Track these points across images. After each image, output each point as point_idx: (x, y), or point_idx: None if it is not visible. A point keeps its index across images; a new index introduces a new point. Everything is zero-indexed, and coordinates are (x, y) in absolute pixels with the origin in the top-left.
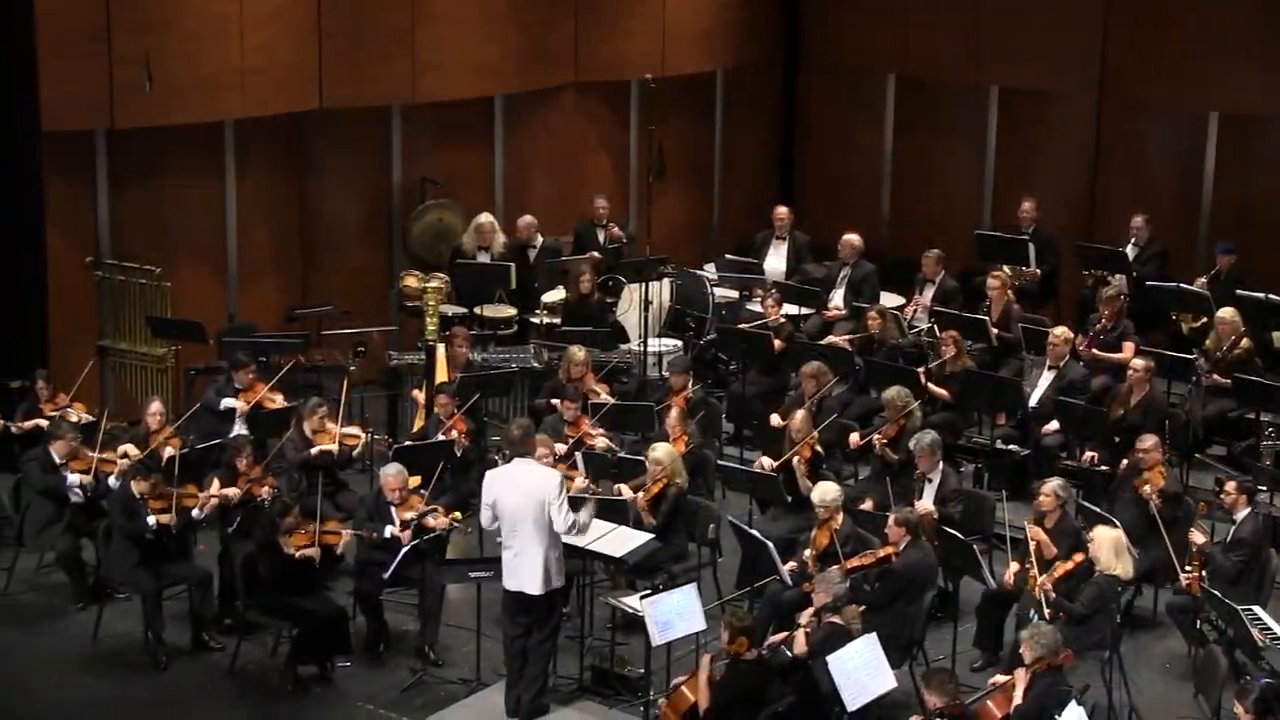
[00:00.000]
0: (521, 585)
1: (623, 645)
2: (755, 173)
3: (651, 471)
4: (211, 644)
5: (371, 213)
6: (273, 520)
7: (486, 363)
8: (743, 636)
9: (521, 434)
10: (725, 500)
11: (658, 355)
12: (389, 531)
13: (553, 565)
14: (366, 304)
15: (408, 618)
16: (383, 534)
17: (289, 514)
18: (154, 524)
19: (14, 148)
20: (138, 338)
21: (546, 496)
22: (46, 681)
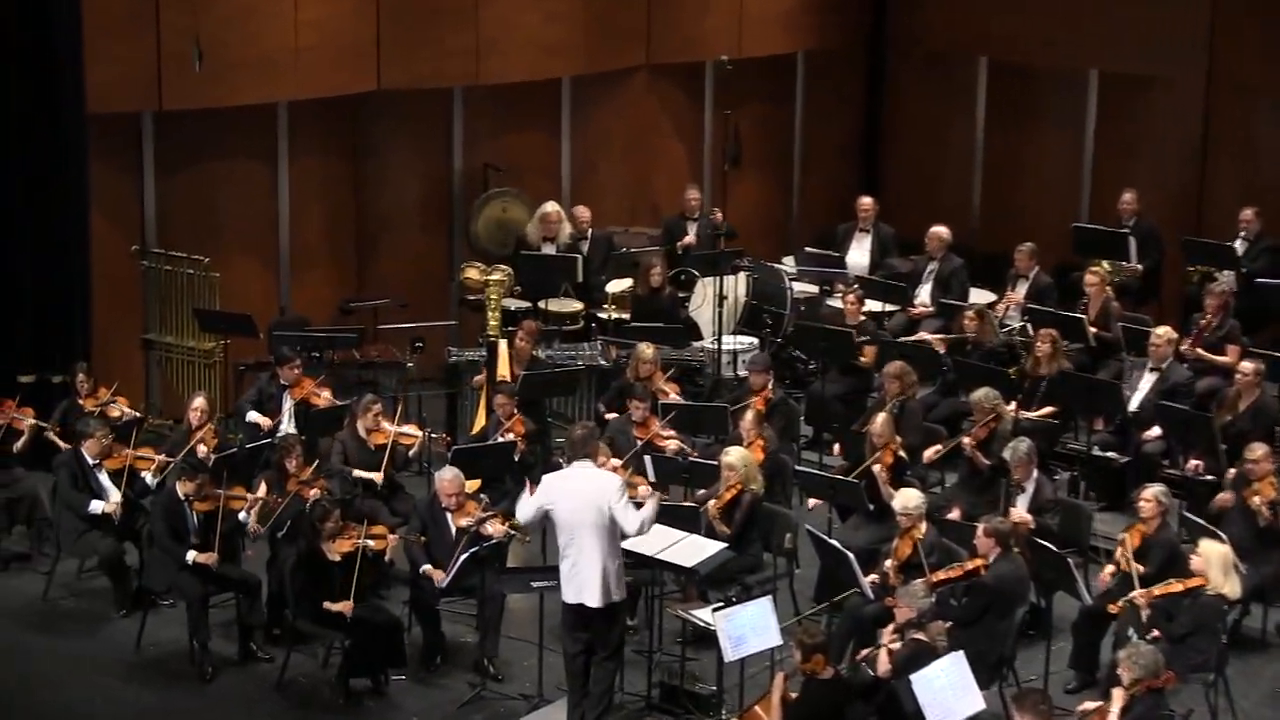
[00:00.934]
0: (580, 597)
1: (693, 661)
2: (837, 161)
3: (725, 477)
4: (259, 654)
5: (431, 201)
6: (313, 525)
7: (551, 360)
8: (819, 654)
9: (584, 436)
10: (803, 508)
11: (731, 353)
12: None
13: (612, 577)
14: (425, 297)
15: (466, 629)
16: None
17: (329, 518)
18: (191, 560)
19: (58, 131)
20: (184, 331)
21: (606, 501)
22: (87, 692)
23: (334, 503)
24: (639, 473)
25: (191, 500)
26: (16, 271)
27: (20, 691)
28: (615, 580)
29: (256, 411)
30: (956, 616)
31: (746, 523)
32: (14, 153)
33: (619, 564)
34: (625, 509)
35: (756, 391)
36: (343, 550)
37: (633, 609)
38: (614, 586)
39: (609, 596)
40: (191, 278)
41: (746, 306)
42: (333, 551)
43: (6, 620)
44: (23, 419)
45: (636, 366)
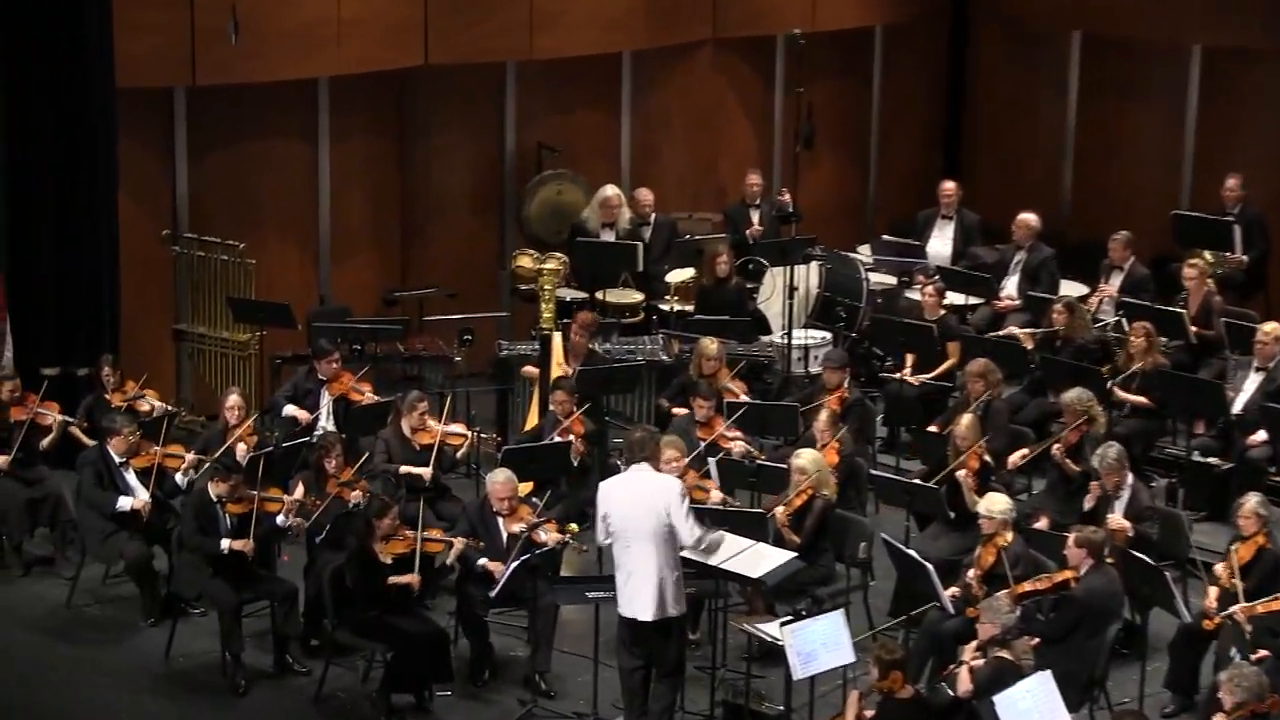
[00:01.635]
0: (635, 611)
1: (759, 678)
2: (918, 143)
3: (795, 481)
4: (296, 667)
5: (481, 184)
6: (368, 521)
7: (609, 355)
8: (896, 671)
9: (643, 438)
10: (878, 515)
11: (803, 349)
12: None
13: (669, 590)
14: (474, 286)
15: (516, 642)
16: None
17: (387, 515)
18: (226, 548)
19: (85, 107)
20: (218, 321)
21: (665, 507)
22: (113, 705)
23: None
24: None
25: (224, 502)
26: (40, 257)
27: (42, 704)
28: (673, 593)
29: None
30: (1043, 632)
31: (818, 531)
32: (38, 130)
33: (678, 576)
34: (686, 517)
35: (831, 390)
36: (395, 552)
37: (695, 623)
38: (670, 600)
39: (664, 610)
40: (226, 264)
41: (819, 299)
42: (385, 553)
43: (28, 629)
44: (47, 414)
45: (700, 362)
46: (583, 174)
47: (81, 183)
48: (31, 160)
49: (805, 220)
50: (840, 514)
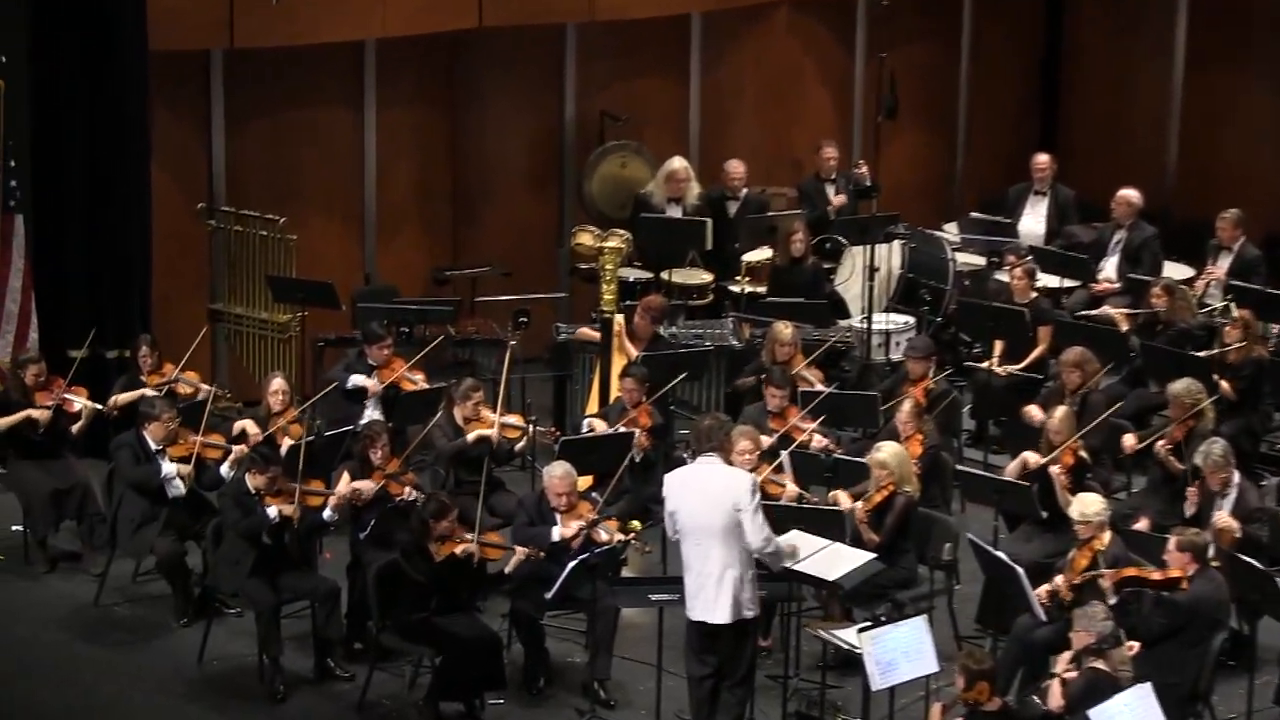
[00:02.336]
0: (705, 614)
1: (835, 689)
2: (1009, 112)
3: (875, 476)
4: (338, 672)
5: (539, 155)
6: (424, 522)
7: (675, 339)
8: (983, 682)
9: (713, 426)
10: (965, 514)
11: (884, 335)
12: (555, 533)
13: (743, 590)
14: (530, 265)
15: (574, 647)
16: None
17: (445, 516)
18: (275, 515)
19: (116, 72)
20: (257, 301)
21: (734, 502)
22: (143, 710)
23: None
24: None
25: (263, 495)
26: (67, 232)
27: (69, 709)
28: (748, 594)
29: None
30: (1138, 629)
31: (899, 530)
32: (65, 96)
33: (751, 575)
34: (755, 515)
35: (914, 379)
36: (449, 553)
37: (766, 628)
38: (745, 601)
39: (738, 613)
40: (265, 240)
41: (901, 280)
42: (439, 553)
43: (54, 629)
44: (74, 400)
45: (773, 348)
46: (648, 145)
47: (111, 153)
48: (59, 129)
49: (887, 196)
50: (923, 512)
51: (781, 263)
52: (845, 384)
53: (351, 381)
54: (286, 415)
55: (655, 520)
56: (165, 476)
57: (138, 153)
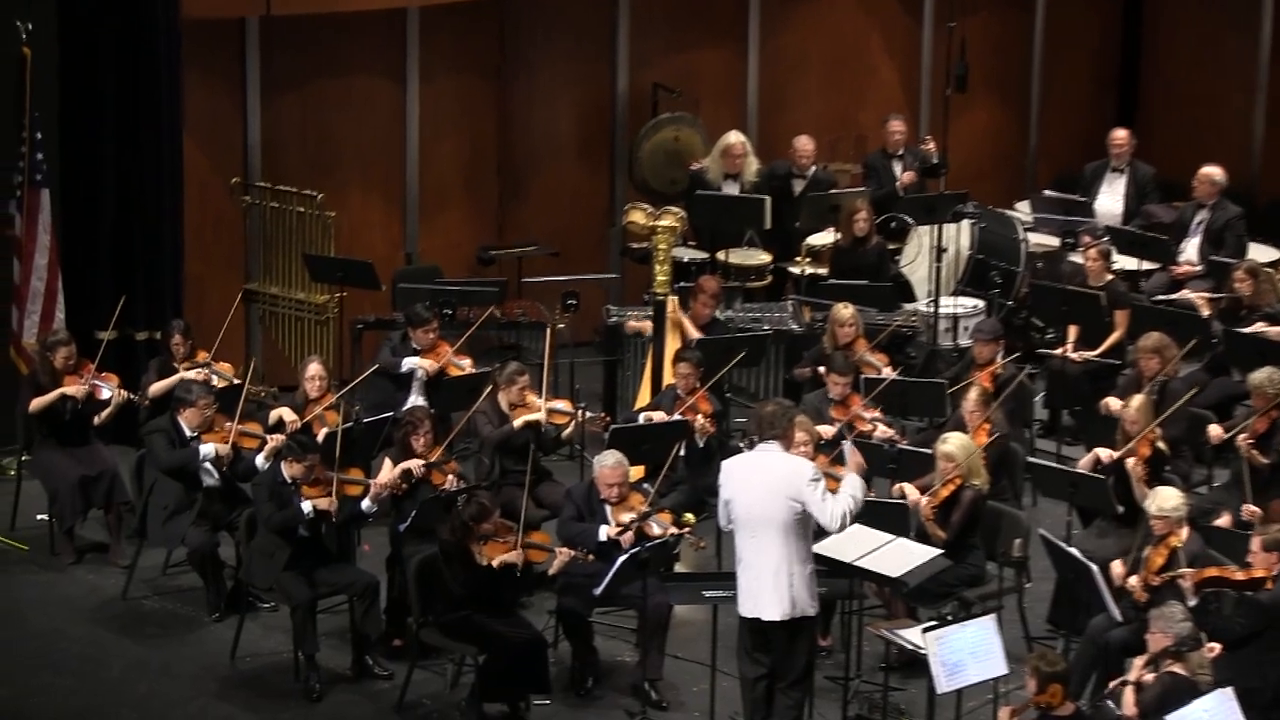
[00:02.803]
0: (759, 610)
1: (899, 691)
2: (1086, 85)
3: (942, 469)
4: (376, 670)
5: (589, 129)
6: (465, 525)
7: (731, 323)
8: (1055, 685)
9: (775, 413)
10: (1036, 508)
11: (951, 319)
12: (604, 533)
13: (800, 586)
14: (580, 245)
15: (624, 645)
16: (594, 540)
17: (486, 519)
18: (310, 510)
19: (147, 40)
20: (293, 281)
21: (795, 492)
22: (173, 708)
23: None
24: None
25: (299, 485)
26: (96, 208)
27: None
28: (805, 591)
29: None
30: (1218, 630)
31: (967, 525)
32: (94, 66)
33: (809, 571)
34: (821, 497)
35: (982, 365)
36: (495, 555)
37: (826, 627)
38: (802, 598)
39: (794, 610)
40: (302, 217)
41: (970, 262)
42: (483, 555)
43: (80, 623)
44: (103, 385)
45: (835, 332)
46: (703, 118)
47: (142, 125)
48: (87, 100)
49: (956, 173)
50: (992, 506)
51: (844, 243)
52: (910, 371)
53: (406, 365)
54: (323, 401)
55: (710, 513)
56: (205, 456)
57: (169, 125)
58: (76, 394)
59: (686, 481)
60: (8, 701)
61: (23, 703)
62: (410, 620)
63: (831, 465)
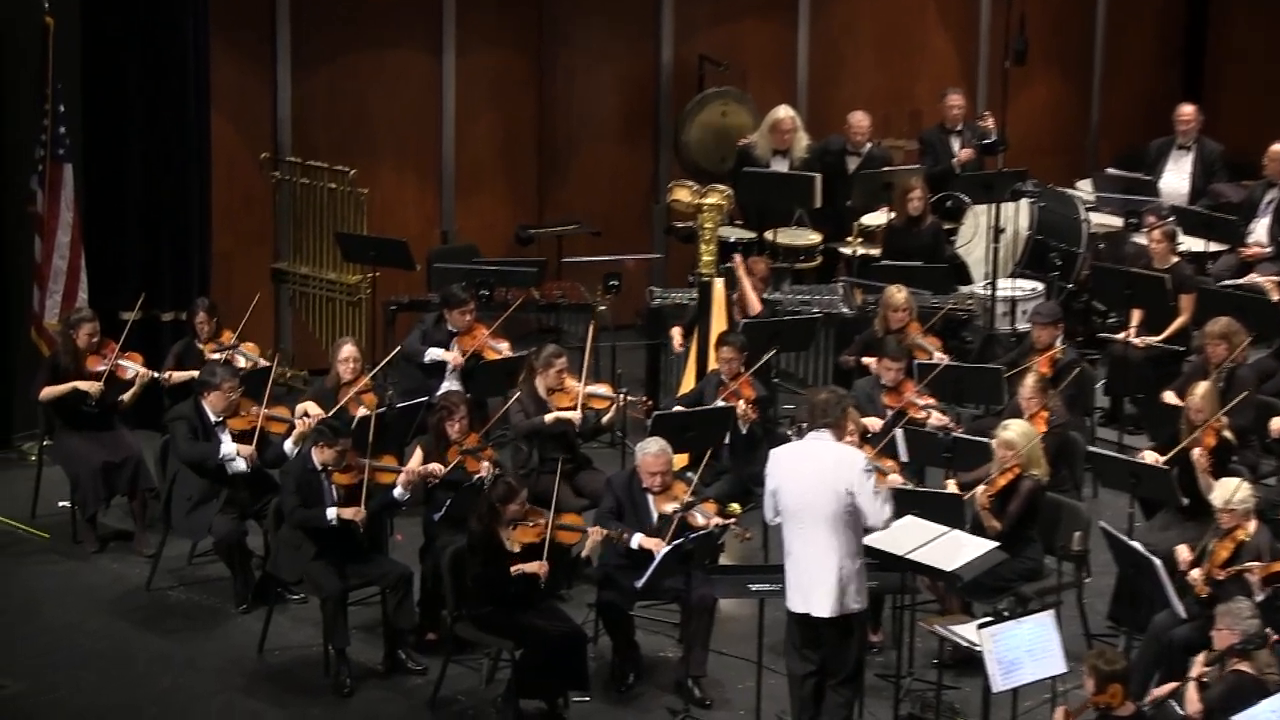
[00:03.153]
0: (807, 605)
1: (952, 690)
2: (1151, 58)
3: (1000, 457)
4: (409, 665)
5: (632, 103)
6: (491, 507)
7: (779, 305)
8: (1116, 685)
9: (828, 401)
10: (1097, 500)
11: (1009, 302)
12: (636, 542)
13: (849, 580)
14: (622, 224)
15: (666, 640)
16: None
17: (513, 500)
18: (334, 518)
19: (173, 10)
20: (324, 260)
21: (846, 484)
22: (198, 703)
23: (520, 481)
24: (888, 453)
25: (330, 471)
26: (120, 185)
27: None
28: (854, 585)
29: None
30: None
31: (1024, 516)
32: (119, 38)
33: (859, 565)
34: (871, 493)
35: (1041, 350)
36: (525, 540)
37: (876, 623)
38: (852, 593)
39: (843, 605)
40: (334, 194)
41: (1029, 242)
42: (513, 541)
43: (103, 614)
44: (127, 366)
45: (887, 316)
46: (751, 92)
47: (169, 98)
48: (112, 71)
49: (1015, 149)
50: (1051, 497)
51: (898, 222)
52: (965, 356)
53: (429, 356)
54: (358, 385)
55: (756, 503)
56: (224, 456)
57: (197, 97)
58: (90, 390)
59: (731, 470)
60: (28, 696)
61: (43, 697)
62: (444, 613)
63: (880, 458)
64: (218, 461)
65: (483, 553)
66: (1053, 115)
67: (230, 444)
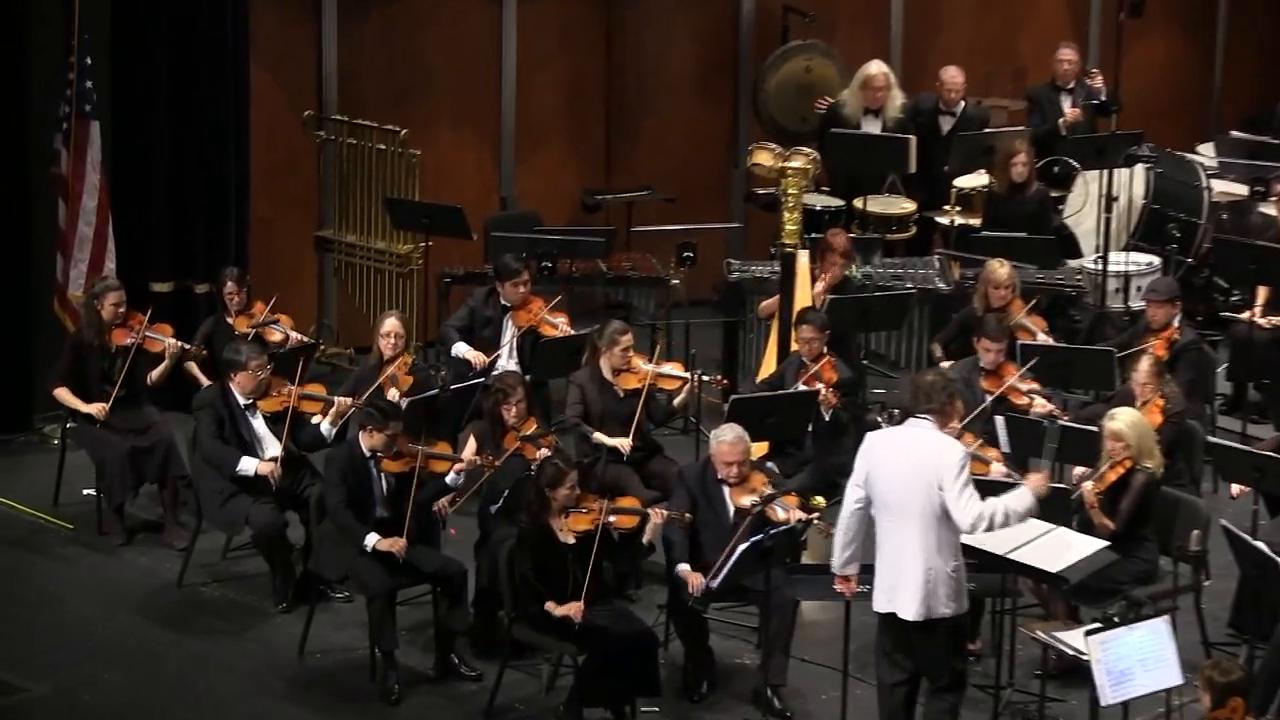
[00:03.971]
0: (894, 606)
1: (1057, 702)
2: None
3: (1109, 449)
4: (463, 670)
5: (710, 57)
6: (540, 494)
7: (869, 280)
8: (1236, 698)
9: (937, 383)
10: (1217, 495)
11: (1122, 277)
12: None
13: (941, 582)
14: (697, 190)
15: (743, 645)
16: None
17: (562, 483)
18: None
19: None
20: (373, 228)
21: (939, 479)
22: (233, 709)
23: (570, 463)
24: (989, 442)
25: (379, 458)
26: (151, 145)
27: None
28: (947, 588)
29: (466, 344)
30: None
31: (1137, 513)
32: None
33: (953, 567)
34: (961, 492)
35: (1157, 331)
36: (579, 529)
37: (974, 629)
38: (944, 595)
39: (933, 609)
40: (383, 155)
41: (1145, 212)
42: (566, 530)
43: (131, 612)
44: (158, 339)
45: (988, 293)
46: (839, 46)
47: (203, 50)
48: (142, 24)
49: (1129, 111)
50: (1167, 492)
51: (1000, 189)
52: (1074, 337)
53: (455, 350)
54: (399, 363)
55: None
56: (241, 472)
57: (235, 51)
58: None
59: (815, 460)
60: (51, 699)
61: (67, 699)
62: (501, 614)
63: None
64: (234, 475)
65: (533, 549)
66: (1172, 73)
67: (250, 461)
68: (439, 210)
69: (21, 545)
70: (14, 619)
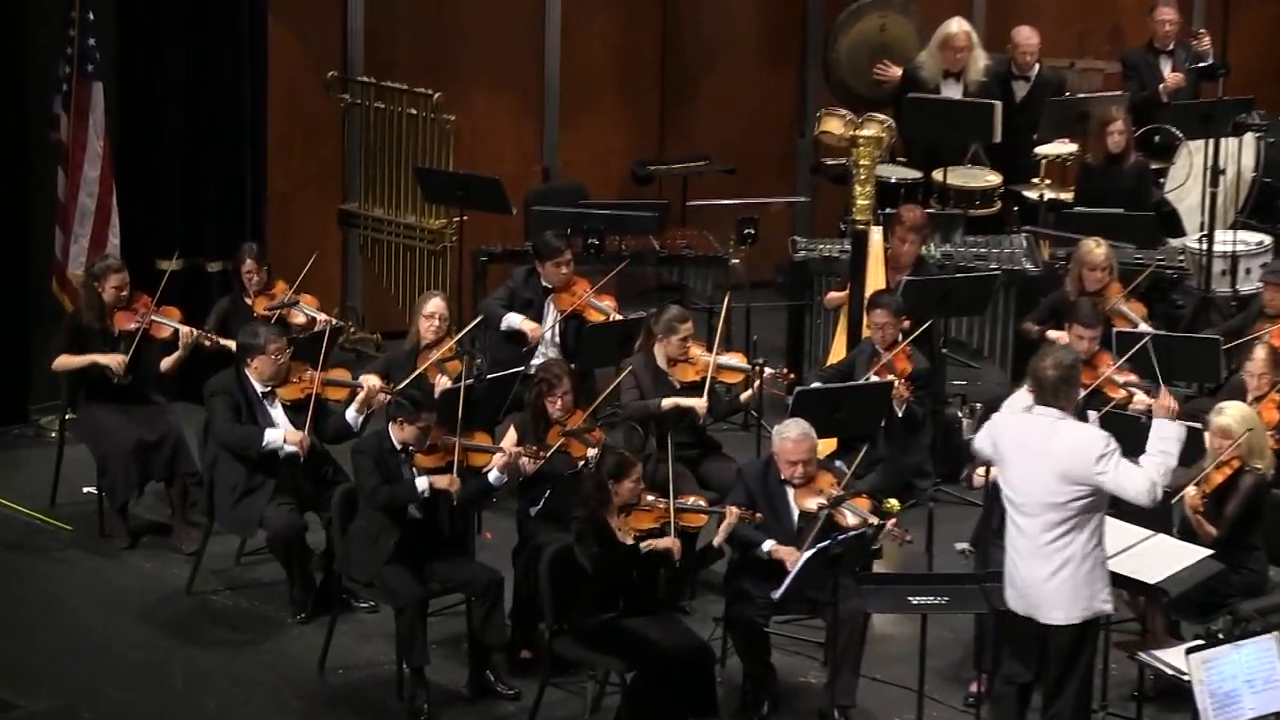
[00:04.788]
0: (1029, 607)
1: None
2: None
3: (1214, 448)
4: (499, 688)
5: (773, 15)
6: (600, 486)
7: (949, 261)
8: None
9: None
10: None
11: (1229, 258)
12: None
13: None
14: (760, 160)
15: (808, 662)
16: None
17: (629, 474)
18: (426, 488)
19: None
20: (402, 201)
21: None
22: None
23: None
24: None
25: (412, 451)
26: (159, 108)
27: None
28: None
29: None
30: None
31: (1245, 519)
32: None
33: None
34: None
35: (1271, 317)
36: (641, 528)
37: None
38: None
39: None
40: (414, 121)
41: (1255, 186)
42: (626, 529)
43: (136, 621)
44: (165, 323)
45: (1081, 275)
46: (916, 3)
47: (218, 6)
48: None
49: (1237, 76)
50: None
51: (1095, 161)
52: (1176, 324)
53: (506, 323)
54: (443, 348)
55: (917, 499)
56: (269, 444)
57: (252, 5)
58: (114, 365)
59: (888, 459)
60: (50, 714)
61: (67, 716)
62: (542, 627)
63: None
64: (261, 450)
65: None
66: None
67: (277, 431)
68: (475, 181)
69: (17, 549)
70: (9, 629)
